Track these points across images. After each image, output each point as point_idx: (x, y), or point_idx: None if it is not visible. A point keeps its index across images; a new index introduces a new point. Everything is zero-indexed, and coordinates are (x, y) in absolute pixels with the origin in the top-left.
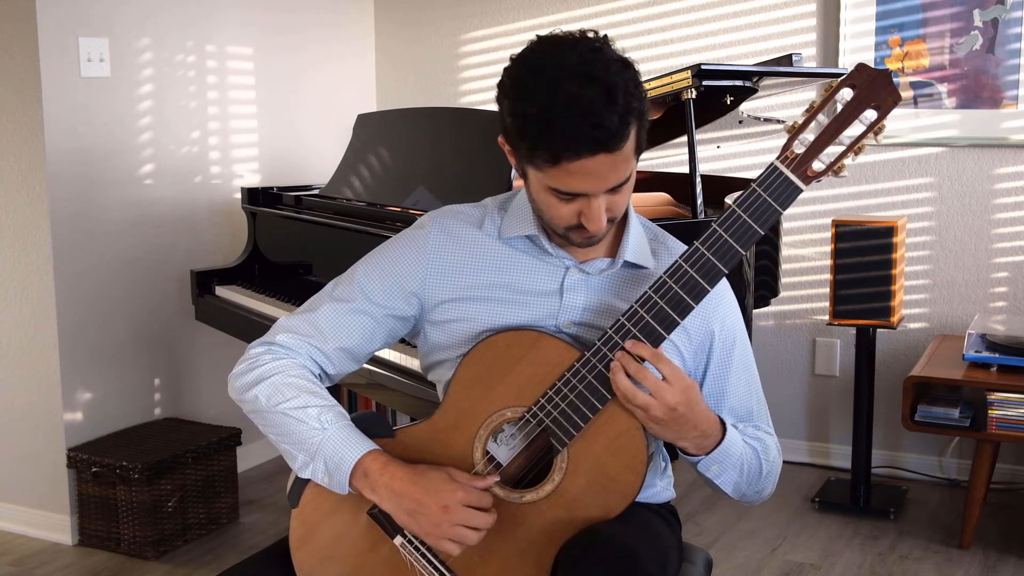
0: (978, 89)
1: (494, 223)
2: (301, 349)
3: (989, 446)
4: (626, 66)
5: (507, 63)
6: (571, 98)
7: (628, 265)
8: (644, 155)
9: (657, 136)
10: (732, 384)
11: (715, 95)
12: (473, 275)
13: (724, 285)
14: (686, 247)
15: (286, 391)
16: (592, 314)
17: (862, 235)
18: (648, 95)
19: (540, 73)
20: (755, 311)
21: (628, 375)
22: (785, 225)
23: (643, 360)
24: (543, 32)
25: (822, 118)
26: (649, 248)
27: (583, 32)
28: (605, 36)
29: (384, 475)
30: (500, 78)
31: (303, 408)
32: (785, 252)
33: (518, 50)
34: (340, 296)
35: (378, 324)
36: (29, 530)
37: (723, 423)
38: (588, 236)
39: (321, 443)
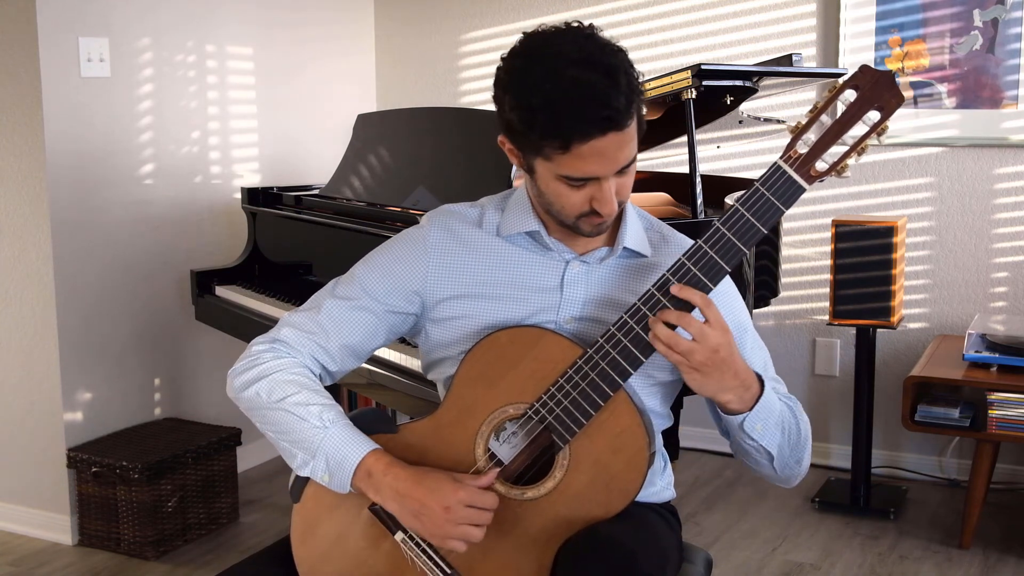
0: (978, 89)
1: (492, 221)
2: (304, 347)
3: (989, 446)
4: (619, 50)
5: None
6: (575, 83)
7: (627, 253)
8: (644, 155)
9: (657, 136)
10: (751, 362)
11: (715, 95)
12: (473, 272)
13: (728, 283)
14: (682, 235)
15: (287, 388)
16: (592, 307)
17: (862, 235)
18: (648, 96)
19: (539, 63)
20: (755, 311)
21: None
22: (785, 225)
23: (691, 308)
24: None
25: (825, 119)
26: (647, 237)
27: (568, 23)
28: (591, 25)
29: (388, 476)
30: (496, 76)
31: (305, 405)
32: (785, 252)
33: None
34: (341, 294)
35: (380, 321)
36: (29, 530)
37: (759, 376)
38: (599, 222)
39: (323, 441)
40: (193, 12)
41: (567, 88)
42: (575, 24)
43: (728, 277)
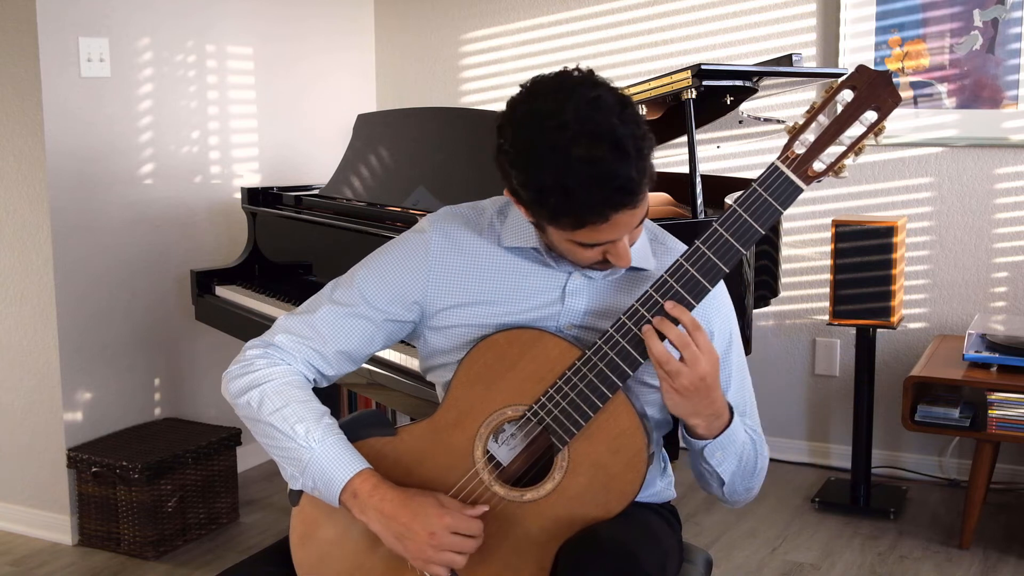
0: (978, 89)
1: (494, 229)
2: (298, 352)
3: (989, 446)
4: (624, 106)
5: (503, 106)
6: (584, 163)
7: (631, 268)
8: None
9: (657, 136)
10: (729, 382)
11: (715, 95)
12: (474, 281)
13: (722, 289)
14: (685, 247)
15: (277, 400)
16: (593, 317)
17: (862, 235)
18: (648, 96)
19: (542, 141)
20: (755, 311)
21: (663, 339)
22: (785, 225)
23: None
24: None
25: (822, 119)
26: (651, 249)
27: (567, 73)
28: (591, 72)
29: (374, 497)
30: (498, 144)
31: (292, 422)
32: (785, 252)
33: (513, 93)
34: (340, 299)
35: (377, 328)
36: (29, 530)
37: (730, 406)
38: (611, 268)
39: (309, 461)
40: (193, 12)
41: (577, 170)
42: (575, 73)
43: (724, 286)
